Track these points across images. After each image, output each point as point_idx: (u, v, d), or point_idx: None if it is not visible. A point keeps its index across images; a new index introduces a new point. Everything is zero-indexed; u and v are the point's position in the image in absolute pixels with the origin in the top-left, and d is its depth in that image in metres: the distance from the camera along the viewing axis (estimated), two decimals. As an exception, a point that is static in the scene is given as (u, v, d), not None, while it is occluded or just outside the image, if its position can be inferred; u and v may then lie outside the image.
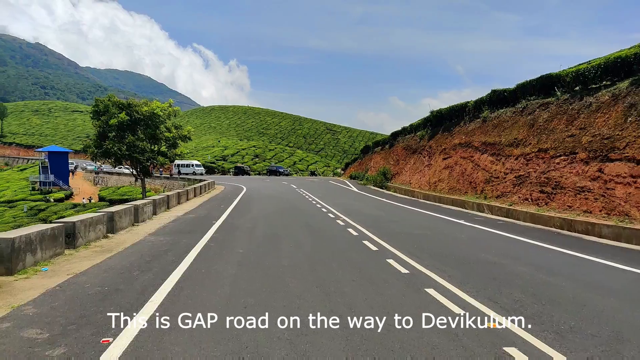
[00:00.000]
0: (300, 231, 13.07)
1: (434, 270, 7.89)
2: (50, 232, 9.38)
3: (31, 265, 8.56)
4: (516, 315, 5.34)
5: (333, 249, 10.30)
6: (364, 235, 12.22)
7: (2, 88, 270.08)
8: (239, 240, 11.51)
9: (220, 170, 75.00)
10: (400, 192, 33.85)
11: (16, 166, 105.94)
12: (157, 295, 6.41)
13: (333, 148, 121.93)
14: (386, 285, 6.88)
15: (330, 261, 8.80)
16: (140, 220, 15.82)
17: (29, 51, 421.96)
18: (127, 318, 5.37)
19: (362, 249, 10.15)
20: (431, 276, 7.51)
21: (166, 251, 10.08)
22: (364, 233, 12.55)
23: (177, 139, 31.02)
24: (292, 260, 8.92)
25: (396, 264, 8.43)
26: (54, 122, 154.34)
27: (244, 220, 15.85)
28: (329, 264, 8.48)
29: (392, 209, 21.41)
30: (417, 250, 9.99)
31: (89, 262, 9.19)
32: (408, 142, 40.59)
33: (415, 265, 8.33)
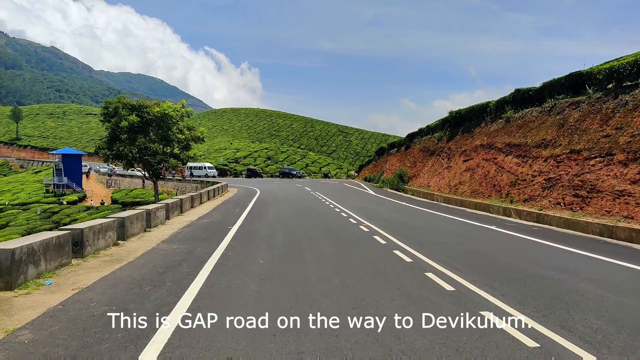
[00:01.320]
0: (323, 238, 12.19)
1: (482, 287, 6.95)
2: (56, 241, 8.62)
3: (34, 278, 7.80)
4: (606, 351, 4.39)
5: (362, 259, 9.39)
6: (392, 243, 11.29)
7: (18, 91, 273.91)
8: (258, 248, 10.66)
9: (232, 173, 74.50)
10: (418, 195, 32.81)
11: (31, 169, 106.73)
12: (171, 319, 5.57)
13: (345, 150, 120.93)
14: (433, 307, 5.95)
15: (362, 275, 7.90)
16: (152, 225, 15.08)
17: (45, 55, 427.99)
18: (137, 353, 4.53)
19: (394, 260, 9.23)
20: (481, 294, 6.57)
21: (180, 261, 9.26)
22: (392, 241, 11.62)
23: (189, 141, 30.32)
24: (319, 273, 8.04)
25: (437, 279, 7.50)
26: (68, 125, 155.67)
27: (261, 225, 15.02)
28: (361, 279, 7.58)
29: (415, 213, 20.43)
30: (455, 261, 9.04)
31: (97, 273, 8.41)
32: (425, 144, 39.55)
33: (459, 281, 7.39)
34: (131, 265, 9.09)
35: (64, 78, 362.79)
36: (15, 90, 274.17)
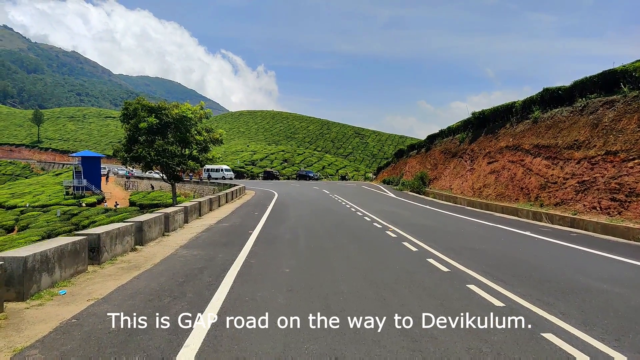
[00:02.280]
0: (349, 244, 11.56)
1: (535, 303, 6.24)
2: (72, 247, 8.17)
3: (48, 287, 7.34)
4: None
5: (395, 268, 8.73)
6: (424, 250, 10.61)
7: (40, 95, 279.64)
8: (282, 255, 10.08)
9: (249, 175, 74.35)
10: (440, 198, 31.93)
11: (52, 171, 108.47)
12: (194, 338, 5.01)
13: (362, 152, 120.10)
14: (485, 328, 5.28)
15: (397, 286, 7.25)
16: (171, 229, 14.65)
17: (66, 59, 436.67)
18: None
19: (430, 269, 8.56)
20: (537, 312, 5.87)
21: (201, 269, 8.73)
22: (423, 247, 10.93)
23: (208, 142, 29.96)
24: (351, 284, 7.42)
25: (482, 292, 6.81)
26: (88, 128, 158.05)
27: (283, 230, 14.46)
28: (397, 291, 6.94)
29: (441, 217, 19.65)
30: (496, 271, 8.33)
31: (114, 282, 7.93)
32: (446, 146, 38.62)
33: (507, 295, 6.69)
34: (149, 273, 8.59)
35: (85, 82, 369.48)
36: (37, 94, 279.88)
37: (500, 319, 5.50)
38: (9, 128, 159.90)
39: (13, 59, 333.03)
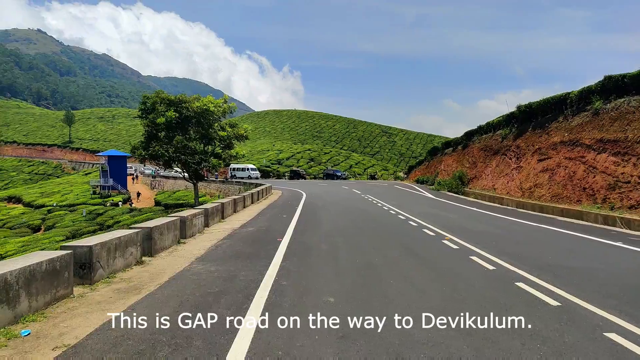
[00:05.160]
0: (403, 260, 9.27)
1: None
2: (47, 266, 6.18)
3: (6, 325, 5.36)
4: None
5: (476, 298, 6.43)
6: (504, 269, 8.24)
7: (72, 97, 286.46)
8: (321, 275, 7.91)
9: (275, 174, 72.64)
10: (483, 198, 29.20)
11: (82, 170, 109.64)
12: None
13: (389, 151, 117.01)
14: None
15: (496, 334, 4.96)
16: (188, 235, 12.69)
17: (97, 62, 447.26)
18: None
19: (531, 302, 6.22)
20: None
21: (217, 296, 6.63)
22: (499, 264, 8.56)
23: (232, 139, 27.99)
24: (424, 327, 5.16)
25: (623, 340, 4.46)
26: (117, 128, 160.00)
27: (317, 237, 12.30)
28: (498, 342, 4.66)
29: (495, 221, 17.08)
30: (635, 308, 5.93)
31: (100, 315, 5.91)
32: (486, 142, 35.77)
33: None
34: (150, 300, 6.54)
35: (115, 83, 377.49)
36: (70, 96, 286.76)
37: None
38: (42, 129, 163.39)
39: (47, 61, 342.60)
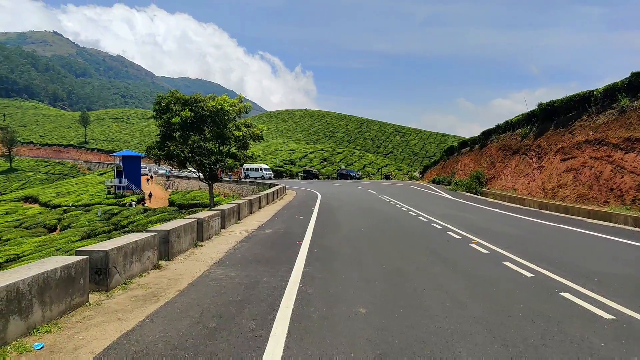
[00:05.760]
0: (433, 265, 8.77)
1: None
2: (62, 273, 5.84)
3: (19, 337, 5.02)
4: None
5: (521, 310, 5.93)
6: (542, 276, 7.72)
7: (87, 98, 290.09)
8: (348, 282, 7.46)
9: (288, 174, 72.38)
10: (503, 199, 28.46)
11: (97, 170, 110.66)
12: None
13: (403, 151, 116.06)
14: None
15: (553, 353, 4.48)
16: (205, 237, 12.35)
17: (112, 63, 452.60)
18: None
19: (582, 315, 5.71)
20: None
21: (240, 305, 6.23)
22: (536, 270, 8.03)
23: (247, 138, 27.64)
24: (470, 342, 4.69)
25: None
26: (131, 129, 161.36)
27: (338, 240, 11.86)
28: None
29: (520, 223, 16.43)
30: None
31: (118, 326, 5.54)
32: (505, 142, 34.98)
33: None
34: (170, 309, 6.16)
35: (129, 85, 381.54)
36: (85, 97, 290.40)
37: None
38: (58, 129, 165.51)
39: (63, 63, 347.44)
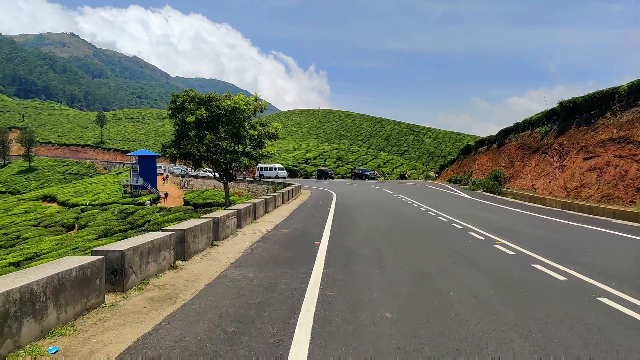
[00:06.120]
0: (457, 266, 8.43)
1: None
2: (77, 274, 5.66)
3: (33, 340, 4.84)
4: None
5: (559, 316, 5.57)
6: (576, 280, 7.33)
7: (104, 98, 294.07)
8: (370, 284, 7.17)
9: (302, 174, 72.22)
10: (523, 199, 27.84)
11: (113, 170, 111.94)
12: None
13: (417, 150, 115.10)
14: None
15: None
16: (221, 237, 12.16)
17: (127, 64, 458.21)
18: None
19: (623, 321, 5.34)
20: None
21: (260, 307, 5.99)
22: (569, 273, 7.64)
23: (262, 137, 27.51)
24: (510, 354, 4.37)
25: None
26: (147, 129, 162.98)
27: (357, 241, 11.56)
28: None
29: (544, 223, 15.92)
30: None
31: (134, 329, 5.34)
32: (524, 140, 34.29)
33: None
34: (187, 311, 5.94)
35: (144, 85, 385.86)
36: (102, 97, 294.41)
37: None
38: (76, 130, 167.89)
39: (80, 64, 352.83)
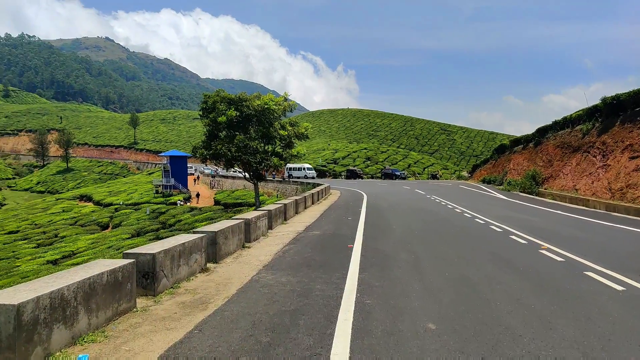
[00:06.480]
0: (503, 274, 7.92)
1: None
2: (109, 278, 5.50)
3: (63, 347, 4.68)
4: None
5: (624, 333, 5.06)
6: (637, 290, 6.73)
7: (137, 100, 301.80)
8: (409, 292, 6.77)
9: (331, 174, 71.88)
10: (563, 200, 26.69)
11: (146, 170, 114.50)
12: None
13: (448, 149, 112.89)
14: None
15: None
16: (252, 238, 11.96)
17: (159, 67, 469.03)
18: None
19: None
20: None
21: (294, 315, 5.70)
22: (632, 285, 7.03)
23: (292, 137, 27.34)
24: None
25: None
26: (178, 129, 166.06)
27: (392, 244, 11.15)
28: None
29: (595, 228, 14.99)
30: None
31: (165, 336, 5.14)
32: (564, 139, 32.95)
33: None
34: (219, 318, 5.70)
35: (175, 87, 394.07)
36: (135, 99, 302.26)
37: None
38: (110, 131, 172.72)
39: (114, 67, 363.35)
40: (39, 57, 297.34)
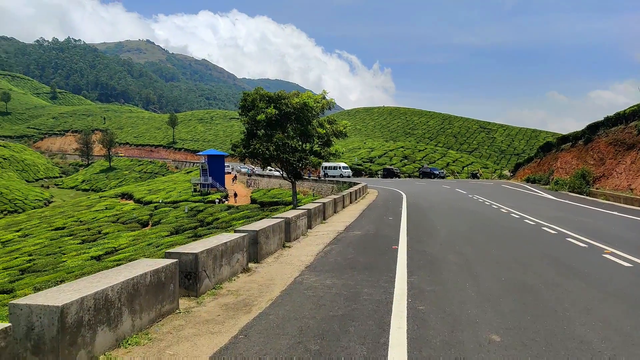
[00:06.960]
0: (565, 280, 7.30)
1: None
2: (152, 279, 5.32)
3: (108, 349, 4.51)
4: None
5: None
6: None
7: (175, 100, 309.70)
8: (463, 297, 6.30)
9: (367, 173, 71.17)
10: (618, 200, 25.18)
11: (184, 169, 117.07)
12: None
13: (488, 148, 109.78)
14: None
15: None
16: (292, 238, 11.71)
17: (197, 67, 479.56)
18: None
19: None
20: None
21: (344, 322, 5.35)
22: None
23: (330, 136, 27.05)
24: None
25: None
26: (215, 129, 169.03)
27: (438, 246, 10.63)
28: None
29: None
30: None
31: (209, 340, 4.91)
32: (617, 136, 31.15)
33: None
34: (264, 322, 5.43)
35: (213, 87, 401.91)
36: (174, 100, 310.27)
37: None
38: (150, 131, 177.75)
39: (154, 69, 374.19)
40: (84, 60, 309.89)
